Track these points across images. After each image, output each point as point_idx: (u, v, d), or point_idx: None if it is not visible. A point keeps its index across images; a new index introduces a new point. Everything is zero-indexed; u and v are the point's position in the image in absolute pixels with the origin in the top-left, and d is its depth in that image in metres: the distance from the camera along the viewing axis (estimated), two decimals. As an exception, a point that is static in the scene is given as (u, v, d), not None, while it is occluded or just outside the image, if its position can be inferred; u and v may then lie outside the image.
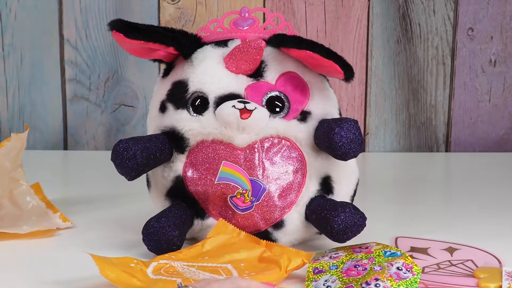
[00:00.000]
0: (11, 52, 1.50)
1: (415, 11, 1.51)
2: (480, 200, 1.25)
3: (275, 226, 0.99)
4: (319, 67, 1.00)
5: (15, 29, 1.49)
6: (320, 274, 0.87)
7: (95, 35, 1.49)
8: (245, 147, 0.98)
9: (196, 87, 1.00)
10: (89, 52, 1.50)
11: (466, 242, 1.04)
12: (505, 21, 1.52)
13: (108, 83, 1.51)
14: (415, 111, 1.55)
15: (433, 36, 1.52)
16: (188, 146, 0.99)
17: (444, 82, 1.54)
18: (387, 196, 1.29)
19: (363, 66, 1.53)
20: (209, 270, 0.87)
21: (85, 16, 1.48)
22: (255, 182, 0.97)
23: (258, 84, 1.00)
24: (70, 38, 1.49)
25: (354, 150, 0.95)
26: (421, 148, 1.57)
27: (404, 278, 0.82)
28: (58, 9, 1.48)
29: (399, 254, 0.86)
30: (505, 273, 0.91)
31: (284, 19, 1.06)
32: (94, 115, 1.52)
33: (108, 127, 1.53)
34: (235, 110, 0.96)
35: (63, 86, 1.51)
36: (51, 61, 1.50)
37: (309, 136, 0.99)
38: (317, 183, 1.00)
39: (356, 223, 0.94)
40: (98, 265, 0.81)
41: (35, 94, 1.51)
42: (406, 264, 0.84)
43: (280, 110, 1.00)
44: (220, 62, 1.01)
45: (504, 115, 1.57)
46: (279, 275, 0.87)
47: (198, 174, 0.99)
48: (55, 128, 1.53)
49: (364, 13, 1.50)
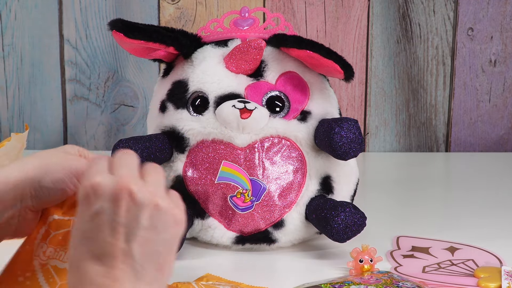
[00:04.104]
0: (11, 52, 1.50)
1: (415, 11, 1.51)
2: (481, 200, 1.25)
3: (275, 225, 0.99)
4: (319, 67, 1.00)
5: (15, 29, 1.49)
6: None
7: (95, 35, 1.49)
8: (245, 146, 0.98)
9: (196, 86, 1.00)
10: (89, 52, 1.50)
11: (467, 242, 1.04)
12: (505, 21, 1.52)
13: (108, 83, 1.51)
14: (415, 111, 1.55)
15: (433, 36, 1.52)
16: (188, 146, 0.99)
17: (444, 82, 1.54)
18: (387, 196, 1.29)
19: (363, 66, 1.53)
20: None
21: (85, 16, 1.48)
22: (255, 182, 0.97)
23: (258, 83, 1.00)
24: (70, 38, 1.49)
25: (354, 150, 0.95)
26: (421, 148, 1.57)
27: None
28: (58, 9, 1.48)
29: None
30: (504, 272, 0.91)
31: (284, 19, 1.06)
32: (94, 115, 1.52)
33: (108, 127, 1.53)
34: (235, 110, 0.96)
35: (63, 86, 1.51)
36: (51, 61, 1.50)
37: (309, 136, 0.99)
38: (317, 183, 1.00)
39: (356, 222, 0.94)
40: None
41: (35, 94, 1.51)
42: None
43: (280, 110, 1.00)
44: (220, 62, 1.01)
45: (504, 115, 1.57)
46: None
47: (198, 173, 0.98)
48: (55, 128, 1.53)
49: (364, 13, 1.50)
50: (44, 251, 0.69)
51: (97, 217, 0.57)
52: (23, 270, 0.69)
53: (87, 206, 0.57)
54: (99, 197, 0.57)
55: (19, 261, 0.70)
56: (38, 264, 0.69)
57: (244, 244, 1.00)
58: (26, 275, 0.69)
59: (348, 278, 0.88)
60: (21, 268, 0.69)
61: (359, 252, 0.93)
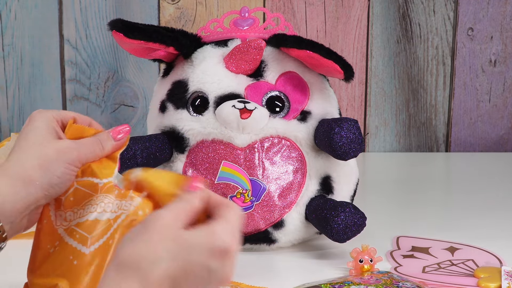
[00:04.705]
0: (11, 52, 1.50)
1: (415, 11, 1.51)
2: (481, 200, 1.25)
3: (275, 226, 0.99)
4: (319, 67, 1.00)
5: (15, 29, 1.49)
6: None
7: (95, 35, 1.49)
8: (245, 147, 0.98)
9: (196, 87, 1.00)
10: (89, 52, 1.50)
11: (467, 242, 1.04)
12: (505, 21, 1.52)
13: (108, 83, 1.51)
14: (415, 111, 1.55)
15: (433, 36, 1.52)
16: (188, 146, 0.99)
17: (444, 82, 1.54)
18: (387, 196, 1.29)
19: (363, 66, 1.53)
20: None
21: (85, 16, 1.48)
22: (255, 182, 0.97)
23: (258, 84, 1.00)
24: (70, 38, 1.49)
25: (354, 150, 0.95)
26: (421, 148, 1.57)
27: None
28: (58, 9, 1.48)
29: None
30: (504, 272, 0.91)
31: (284, 19, 1.06)
32: (94, 115, 1.52)
33: (108, 127, 1.53)
34: (235, 110, 0.96)
35: (63, 86, 1.51)
36: (51, 61, 1.50)
37: (309, 136, 0.99)
38: (317, 183, 1.00)
39: (356, 223, 0.94)
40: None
41: (35, 94, 1.51)
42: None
43: (280, 110, 0.99)
44: (220, 62, 1.01)
45: (504, 115, 1.57)
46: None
47: (198, 174, 0.98)
48: (55, 128, 1.53)
49: (364, 13, 1.50)
50: (64, 218, 0.72)
51: (211, 272, 0.60)
52: (52, 242, 0.72)
53: (213, 260, 0.60)
54: (226, 259, 0.61)
55: (43, 237, 0.73)
56: (63, 231, 0.72)
57: (244, 244, 1.00)
58: (55, 244, 0.72)
59: (348, 278, 0.88)
60: (49, 241, 0.72)
61: (359, 252, 0.93)
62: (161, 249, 0.59)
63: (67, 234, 0.71)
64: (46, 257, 0.72)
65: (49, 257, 0.72)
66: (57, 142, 0.71)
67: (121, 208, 0.71)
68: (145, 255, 0.59)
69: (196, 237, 0.60)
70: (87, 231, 0.71)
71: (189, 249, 0.59)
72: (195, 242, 0.60)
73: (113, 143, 0.75)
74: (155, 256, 0.59)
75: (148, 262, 0.58)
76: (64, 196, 0.72)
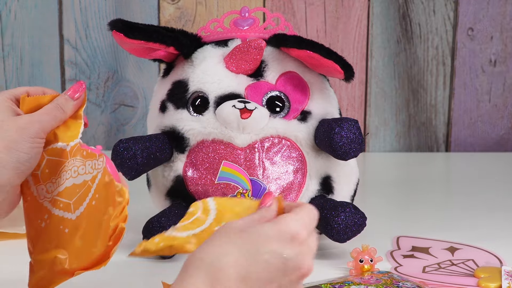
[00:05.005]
0: (11, 52, 1.50)
1: (415, 11, 1.51)
2: (481, 200, 1.25)
3: (275, 226, 0.98)
4: (319, 67, 1.00)
5: (15, 29, 1.49)
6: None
7: (95, 35, 1.49)
8: (245, 147, 0.98)
9: (196, 86, 1.00)
10: (89, 52, 1.50)
11: (467, 242, 1.04)
12: (505, 21, 1.52)
13: (108, 83, 1.51)
14: (415, 111, 1.55)
15: (433, 36, 1.52)
16: (188, 146, 0.99)
17: (444, 82, 1.54)
18: (387, 196, 1.29)
19: (363, 66, 1.53)
20: None
21: (85, 16, 1.48)
22: (255, 182, 0.97)
23: (258, 84, 1.00)
24: (70, 38, 1.49)
25: (355, 150, 0.95)
26: (421, 148, 1.57)
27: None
28: (58, 9, 1.48)
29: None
30: (504, 272, 0.91)
31: (284, 19, 1.06)
32: (94, 115, 1.52)
33: (108, 127, 1.53)
34: (235, 110, 0.96)
35: (63, 86, 1.51)
36: (51, 61, 1.50)
37: (309, 136, 0.99)
38: (317, 183, 1.00)
39: (356, 223, 0.94)
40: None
41: (35, 94, 1.51)
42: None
43: (280, 110, 0.99)
44: (220, 62, 1.01)
45: (504, 115, 1.57)
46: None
47: (198, 174, 0.98)
48: (55, 128, 1.53)
49: (364, 13, 1.50)
50: (46, 190, 0.73)
51: (287, 260, 0.61)
52: (41, 217, 0.73)
53: (284, 246, 0.60)
54: (299, 246, 0.61)
55: (32, 214, 0.74)
56: (48, 203, 0.73)
57: (244, 244, 1.00)
58: (45, 218, 0.73)
59: (348, 278, 0.88)
60: (38, 217, 0.74)
61: (359, 252, 0.93)
62: (226, 244, 0.59)
63: (52, 206, 0.73)
64: (40, 233, 0.73)
65: (42, 232, 0.73)
66: (16, 120, 0.71)
67: (95, 168, 0.71)
68: (210, 251, 0.59)
69: (263, 227, 0.60)
70: (68, 198, 0.72)
71: (257, 238, 0.59)
72: (262, 231, 0.60)
73: (73, 103, 0.76)
74: (220, 250, 0.59)
75: (214, 257, 0.59)
76: (39, 170, 0.73)
